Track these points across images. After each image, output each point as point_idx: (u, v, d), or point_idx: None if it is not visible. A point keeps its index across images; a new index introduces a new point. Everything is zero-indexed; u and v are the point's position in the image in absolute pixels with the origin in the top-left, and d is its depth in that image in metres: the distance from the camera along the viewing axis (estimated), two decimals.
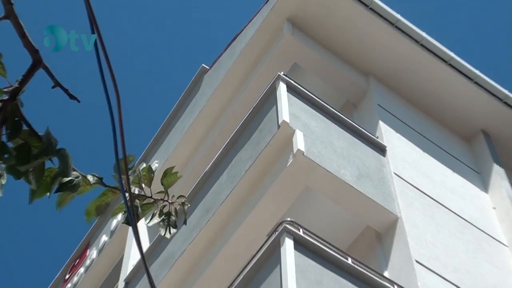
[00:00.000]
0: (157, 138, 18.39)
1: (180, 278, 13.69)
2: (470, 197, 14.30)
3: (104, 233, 18.33)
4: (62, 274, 19.94)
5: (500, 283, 12.65)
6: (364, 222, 12.50)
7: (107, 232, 18.16)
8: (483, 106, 15.83)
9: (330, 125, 13.22)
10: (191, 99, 17.42)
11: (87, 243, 19.36)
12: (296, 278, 9.75)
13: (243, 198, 12.83)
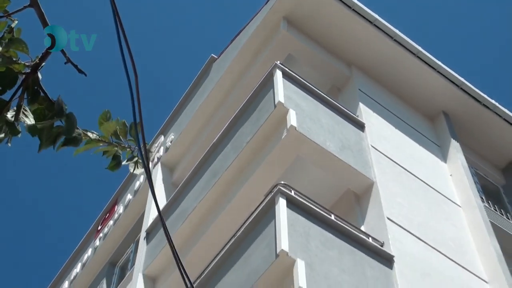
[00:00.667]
0: (173, 115, 18.35)
1: (191, 229, 13.74)
2: (432, 166, 14.36)
3: (129, 193, 18.36)
4: (95, 226, 19.97)
5: (454, 236, 12.73)
6: (345, 185, 12.53)
7: (132, 191, 18.20)
8: (444, 91, 15.85)
9: (318, 105, 13.23)
10: (202, 83, 17.39)
11: (115, 200, 19.37)
12: (288, 230, 9.80)
13: (244, 165, 12.86)
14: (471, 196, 13.67)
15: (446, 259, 11.94)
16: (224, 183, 13.12)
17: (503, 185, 16.34)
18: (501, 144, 16.44)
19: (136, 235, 17.11)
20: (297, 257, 9.45)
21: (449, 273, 11.67)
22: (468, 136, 16.12)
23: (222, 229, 12.62)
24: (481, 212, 13.29)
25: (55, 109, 2.89)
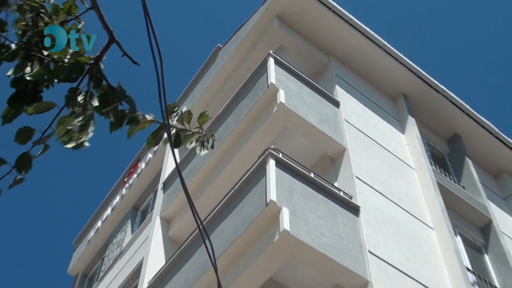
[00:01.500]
0: (186, 91, 18.36)
1: (199, 182, 13.80)
2: (393, 137, 14.40)
3: (150, 153, 18.42)
4: (122, 178, 20.04)
5: (408, 192, 12.80)
6: (322, 150, 12.56)
7: (152, 152, 18.25)
8: (404, 77, 15.86)
9: (303, 86, 13.24)
10: (210, 66, 17.38)
11: (138, 158, 19.42)
12: (276, 184, 9.82)
13: (242, 133, 12.90)
14: (422, 161, 13.73)
15: (401, 210, 12.01)
16: (226, 146, 13.16)
17: (447, 153, 16.42)
18: (447, 120, 16.49)
19: (155, 186, 17.19)
20: (283, 206, 9.47)
21: (403, 221, 11.74)
22: (421, 113, 16.15)
23: (223, 183, 12.69)
24: (430, 174, 13.36)
25: (117, 93, 2.87)
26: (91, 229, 20.26)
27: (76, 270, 20.19)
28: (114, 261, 16.82)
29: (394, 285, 9.92)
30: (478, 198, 14.59)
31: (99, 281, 17.24)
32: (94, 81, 2.82)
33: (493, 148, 17.00)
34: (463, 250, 13.00)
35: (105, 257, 18.25)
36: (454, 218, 13.35)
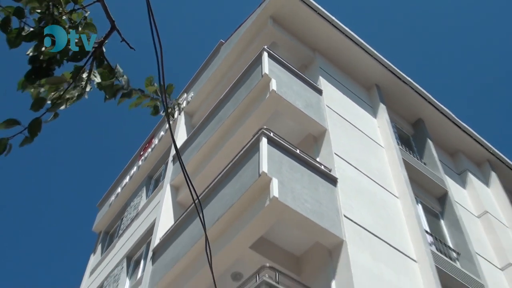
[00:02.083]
0: (193, 79, 18.30)
1: (203, 156, 13.83)
2: (366, 120, 14.43)
3: (162, 130, 18.42)
4: (138, 151, 20.06)
5: (379, 167, 12.86)
6: (307, 130, 12.59)
7: (164, 129, 18.26)
8: (377, 70, 15.85)
9: (291, 77, 13.24)
10: (213, 59, 17.33)
11: (152, 135, 19.43)
12: (267, 159, 9.88)
13: (240, 115, 12.91)
14: (390, 141, 13.79)
15: (372, 181, 12.09)
16: (226, 126, 13.19)
17: (412, 135, 16.48)
18: (412, 107, 16.53)
19: (166, 159, 17.21)
20: (273, 177, 9.54)
21: (373, 191, 11.83)
22: (391, 101, 16.17)
23: (223, 157, 12.73)
24: (397, 152, 13.43)
25: (115, 72, 2.92)
26: (112, 194, 20.34)
27: (99, 228, 20.31)
28: (131, 221, 16.93)
29: (365, 244, 10.05)
30: (437, 172, 14.70)
31: (119, 237, 17.35)
32: (97, 61, 2.87)
33: (450, 131, 17.09)
34: (423, 216, 13.13)
35: (124, 218, 18.36)
36: (416, 189, 13.46)
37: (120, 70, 2.94)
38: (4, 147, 2.57)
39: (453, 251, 12.72)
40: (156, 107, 3.16)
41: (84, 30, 2.80)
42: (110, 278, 15.80)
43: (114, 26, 2.94)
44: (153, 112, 3.18)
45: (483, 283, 11.97)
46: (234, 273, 10.72)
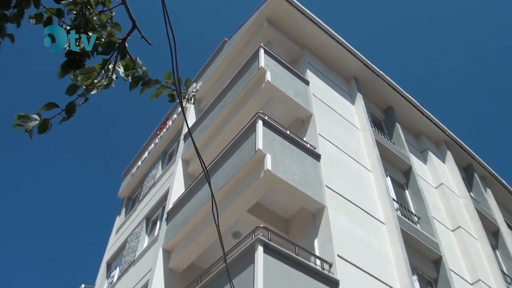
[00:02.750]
0: (201, 71, 18.11)
1: (208, 136, 13.72)
2: (345, 107, 14.31)
3: (175, 114, 18.30)
4: (155, 131, 19.94)
5: (355, 145, 12.82)
6: (296, 115, 12.50)
7: (176, 113, 18.14)
8: (355, 65, 15.69)
9: (283, 70, 13.09)
10: (218, 54, 17.14)
11: (167, 118, 19.30)
12: (262, 137, 9.85)
13: (239, 102, 12.82)
14: (365, 124, 13.72)
15: (350, 158, 12.07)
16: (228, 111, 13.10)
17: (383, 119, 16.40)
18: (384, 96, 16.41)
19: (178, 137, 17.09)
20: (267, 153, 9.51)
21: (350, 165, 11.82)
22: (366, 91, 16.03)
23: (226, 137, 12.65)
24: (370, 133, 13.37)
25: (135, 64, 2.89)
26: (134, 166, 20.30)
27: (123, 194, 20.29)
28: (149, 189, 16.91)
29: (342, 209, 10.06)
30: (403, 151, 14.67)
31: (139, 202, 17.36)
32: (121, 55, 2.85)
33: (415, 116, 17.01)
34: (391, 186, 13.13)
35: (143, 186, 18.34)
36: (386, 164, 13.43)
37: (139, 62, 2.92)
38: (47, 126, 2.62)
39: (415, 216, 12.76)
40: (172, 96, 3.12)
41: (111, 29, 2.81)
42: (132, 236, 15.83)
43: (135, 25, 2.91)
44: (170, 99, 3.15)
45: (437, 242, 12.03)
46: (234, 232, 10.74)
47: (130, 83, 2.90)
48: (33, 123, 2.58)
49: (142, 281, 12.25)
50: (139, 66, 2.91)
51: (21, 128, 2.57)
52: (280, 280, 7.28)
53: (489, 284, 12.75)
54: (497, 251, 16.12)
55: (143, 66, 2.94)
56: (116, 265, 16.37)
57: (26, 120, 2.57)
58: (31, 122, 2.58)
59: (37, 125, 2.58)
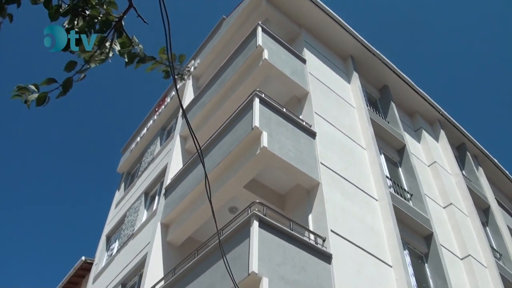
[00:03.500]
0: (199, 49, 17.95)
1: (206, 113, 13.76)
2: (342, 86, 14.26)
3: (173, 90, 18.21)
4: (154, 108, 19.86)
5: (350, 123, 12.82)
6: (292, 93, 12.46)
7: (175, 90, 18.07)
8: (352, 44, 15.59)
9: (281, 48, 13.00)
10: (216, 32, 16.98)
11: (165, 95, 19.22)
12: (259, 115, 9.87)
13: (237, 79, 12.79)
14: (361, 103, 13.72)
15: (345, 135, 12.10)
16: (226, 88, 13.08)
17: (379, 98, 16.38)
18: (380, 75, 16.37)
19: (176, 114, 17.07)
20: (263, 130, 9.54)
21: (345, 143, 11.86)
22: (362, 69, 15.97)
23: (223, 114, 12.66)
24: (365, 112, 13.37)
25: (132, 42, 2.92)
26: (133, 142, 20.32)
27: (122, 169, 20.36)
28: (148, 164, 16.98)
29: (337, 185, 10.15)
30: (397, 129, 14.72)
31: (138, 177, 17.45)
32: (118, 33, 2.87)
33: (410, 96, 17.01)
34: (384, 164, 13.21)
35: (142, 161, 18.40)
36: (380, 143, 13.49)
37: (136, 40, 2.95)
38: (45, 99, 2.69)
39: (407, 193, 12.87)
40: (167, 72, 3.16)
41: (108, 7, 2.82)
42: (131, 210, 15.96)
43: (132, 4, 2.94)
44: (165, 76, 3.19)
45: (429, 218, 12.18)
46: (230, 207, 10.86)
47: (126, 60, 2.93)
48: (33, 95, 2.64)
49: (141, 254, 12.41)
50: (136, 43, 2.94)
51: (19, 98, 2.64)
52: (275, 254, 7.40)
53: (478, 259, 12.95)
54: (487, 227, 16.33)
55: (139, 44, 2.97)
56: (116, 238, 16.54)
57: (24, 92, 2.64)
58: (29, 93, 2.64)
59: (35, 98, 2.64)
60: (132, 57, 2.93)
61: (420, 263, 11.35)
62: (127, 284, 13.08)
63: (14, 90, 2.64)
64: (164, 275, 10.67)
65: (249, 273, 6.87)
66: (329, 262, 8.21)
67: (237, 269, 7.14)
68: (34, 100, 2.64)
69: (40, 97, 2.65)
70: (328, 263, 8.19)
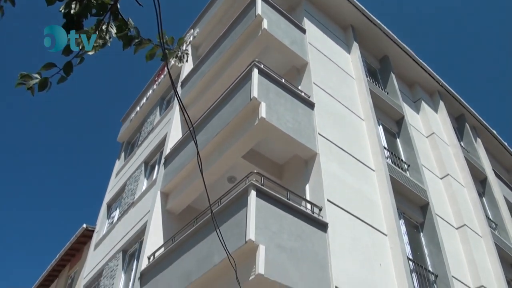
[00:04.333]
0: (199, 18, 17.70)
1: (205, 84, 13.73)
2: (341, 56, 14.13)
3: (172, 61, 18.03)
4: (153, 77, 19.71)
5: (349, 94, 12.77)
6: (291, 63, 12.42)
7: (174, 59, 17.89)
8: (352, 14, 15.39)
9: (280, 18, 12.85)
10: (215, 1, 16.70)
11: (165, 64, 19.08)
12: (257, 85, 9.88)
13: (236, 49, 12.71)
14: (360, 74, 13.67)
15: (343, 106, 12.12)
16: (225, 58, 13.01)
17: (378, 69, 16.29)
18: (380, 45, 16.23)
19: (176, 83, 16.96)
20: (262, 101, 9.58)
21: (343, 114, 11.88)
22: (363, 39, 15.83)
23: (222, 84, 12.65)
24: (365, 83, 13.34)
25: (128, 24, 2.92)
26: (133, 112, 20.34)
27: (123, 139, 20.44)
28: (148, 134, 17.05)
29: (334, 156, 10.24)
30: (396, 100, 14.72)
31: (138, 146, 17.54)
32: (113, 16, 2.88)
33: (410, 66, 16.92)
34: (382, 135, 13.27)
35: (142, 131, 18.46)
36: (379, 114, 13.52)
37: (131, 23, 2.94)
38: (46, 84, 2.70)
39: (405, 163, 12.99)
40: (165, 55, 3.15)
41: None
42: (131, 179, 16.13)
43: None
44: (162, 57, 3.19)
45: (425, 189, 12.33)
46: (229, 177, 10.99)
47: (123, 43, 2.94)
48: (34, 81, 2.67)
49: (141, 222, 12.62)
50: (132, 26, 2.94)
51: (23, 86, 2.67)
52: (272, 222, 7.55)
53: (473, 228, 13.17)
54: (483, 198, 16.52)
55: (135, 26, 2.97)
56: (116, 207, 16.78)
57: (27, 79, 2.67)
58: (32, 80, 2.67)
59: (37, 83, 2.67)
60: (128, 40, 2.94)
61: (415, 232, 11.55)
62: (128, 251, 13.35)
63: (17, 79, 2.66)
64: (164, 243, 10.90)
65: (246, 240, 7.03)
66: (325, 231, 8.38)
67: (234, 237, 7.32)
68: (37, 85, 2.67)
69: (41, 82, 2.68)
70: (324, 231, 8.37)
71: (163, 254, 9.86)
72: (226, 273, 7.41)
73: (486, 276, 11.94)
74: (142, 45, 3.00)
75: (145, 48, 3.03)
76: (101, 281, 13.94)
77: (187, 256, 8.74)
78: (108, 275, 13.47)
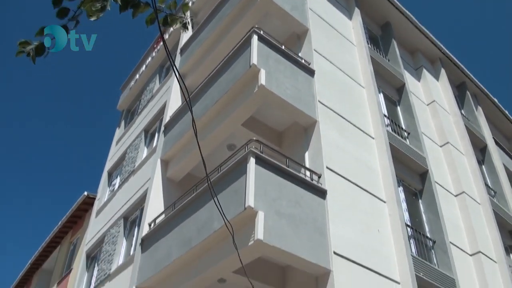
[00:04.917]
0: None
1: (204, 51, 13.53)
2: (343, 22, 13.81)
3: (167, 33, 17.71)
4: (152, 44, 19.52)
5: (350, 61, 12.59)
6: (291, 30, 12.06)
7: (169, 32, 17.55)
8: None
9: None
10: None
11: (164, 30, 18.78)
12: (257, 52, 9.78)
13: (235, 16, 12.54)
14: (361, 40, 13.48)
15: (344, 74, 11.98)
16: (224, 25, 12.83)
17: (380, 35, 16.06)
18: (382, 11, 15.93)
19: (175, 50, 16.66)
20: (261, 68, 9.50)
21: (344, 81, 11.76)
22: (364, 5, 15.47)
23: (222, 51, 12.51)
24: (366, 50, 13.18)
25: None
26: (132, 80, 20.22)
27: (122, 107, 20.38)
28: (147, 102, 16.99)
29: (334, 124, 10.23)
30: (397, 68, 14.59)
31: (138, 114, 17.51)
32: None
33: (411, 33, 16.69)
34: (383, 103, 13.21)
35: (142, 99, 18.39)
36: (379, 81, 13.39)
37: None
38: (43, 48, 2.62)
39: (405, 131, 12.98)
40: (165, 19, 3.08)
41: None
42: (131, 147, 16.16)
43: None
44: (162, 22, 3.15)
45: (425, 156, 12.36)
46: (229, 144, 11.01)
47: (120, 5, 2.88)
48: (31, 46, 2.61)
49: (142, 189, 12.72)
50: None
51: (23, 54, 2.60)
52: (271, 189, 7.60)
53: (472, 196, 13.27)
54: (483, 166, 16.58)
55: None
56: (117, 174, 16.87)
57: (26, 45, 2.60)
58: (30, 46, 2.61)
59: (33, 48, 2.60)
60: (125, 3, 2.86)
61: (414, 199, 11.64)
62: (129, 218, 13.50)
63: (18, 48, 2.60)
64: (164, 209, 11.01)
65: (246, 207, 7.10)
66: (323, 198, 8.44)
67: (234, 204, 7.38)
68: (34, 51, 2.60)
69: (37, 47, 2.60)
70: (323, 198, 8.43)
71: (163, 220, 9.98)
72: (225, 238, 7.51)
73: (484, 243, 12.10)
74: (139, 8, 2.95)
75: (145, 13, 2.98)
76: (103, 247, 14.16)
77: (188, 222, 8.84)
78: (109, 241, 13.66)
